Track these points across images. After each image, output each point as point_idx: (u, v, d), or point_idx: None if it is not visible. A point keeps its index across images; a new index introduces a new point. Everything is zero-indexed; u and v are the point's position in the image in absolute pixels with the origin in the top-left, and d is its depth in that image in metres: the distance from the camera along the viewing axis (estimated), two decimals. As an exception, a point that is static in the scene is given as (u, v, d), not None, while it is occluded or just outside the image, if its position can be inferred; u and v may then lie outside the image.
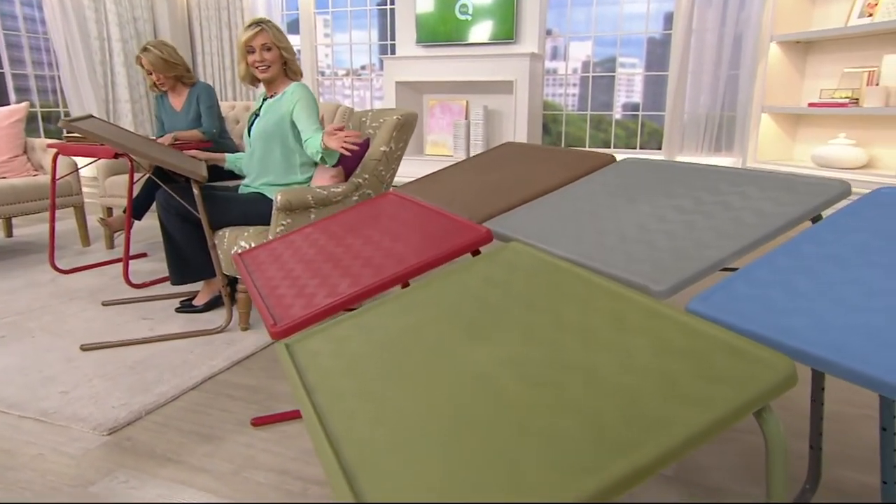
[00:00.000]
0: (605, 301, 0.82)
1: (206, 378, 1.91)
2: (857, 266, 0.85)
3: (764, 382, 0.58)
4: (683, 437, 0.54)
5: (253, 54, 2.28)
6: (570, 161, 1.68)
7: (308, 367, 0.88)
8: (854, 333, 0.74)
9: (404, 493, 0.59)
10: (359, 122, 2.66)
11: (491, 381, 0.73)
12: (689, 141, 5.19)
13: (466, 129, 5.66)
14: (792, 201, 1.07)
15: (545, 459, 0.57)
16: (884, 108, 3.81)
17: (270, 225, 2.12)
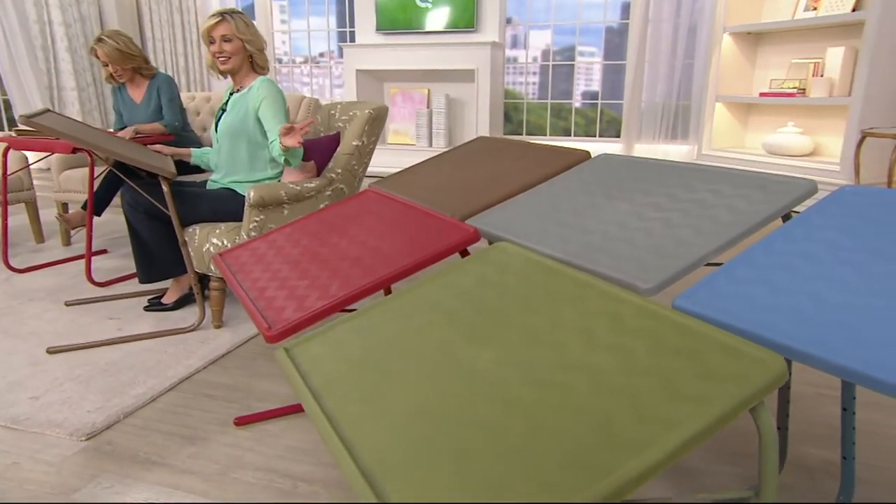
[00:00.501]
0: (600, 301, 0.87)
1: (183, 378, 1.89)
2: (828, 263, 0.91)
3: (759, 380, 0.63)
4: (689, 435, 0.59)
5: (213, 45, 2.24)
6: (547, 157, 1.72)
7: (311, 372, 0.90)
8: (828, 327, 0.80)
9: (426, 495, 0.62)
10: (327, 115, 2.64)
11: (497, 382, 0.76)
12: (647, 129, 5.32)
13: (429, 117, 5.66)
14: (764, 199, 1.13)
15: (560, 459, 0.61)
16: (828, 98, 3.99)
17: (243, 221, 2.10)
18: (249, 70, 2.33)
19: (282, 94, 2.27)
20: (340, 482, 1.40)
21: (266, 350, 2.08)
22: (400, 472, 0.66)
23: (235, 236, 2.13)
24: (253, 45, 2.28)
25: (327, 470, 1.44)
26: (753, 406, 0.64)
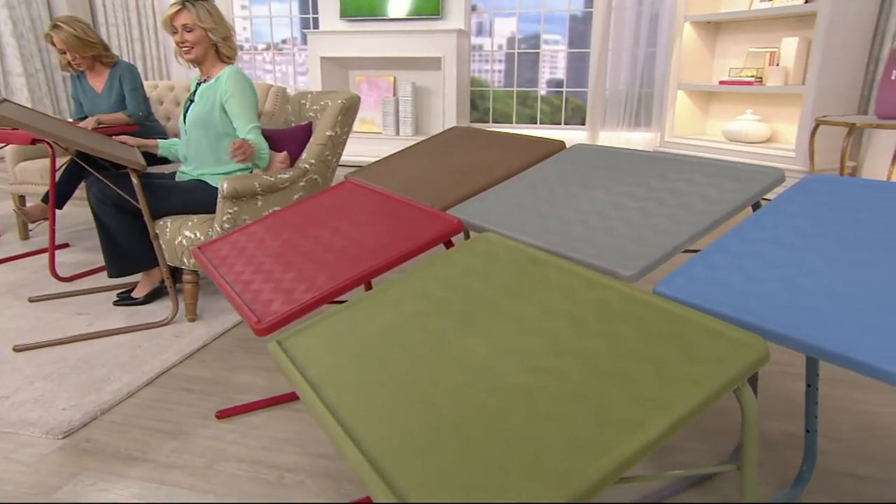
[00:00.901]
0: (587, 289, 0.90)
1: (160, 373, 1.87)
2: (797, 249, 0.97)
3: (743, 362, 0.67)
4: (681, 415, 0.63)
5: (176, 34, 2.19)
6: (522, 147, 1.75)
7: (306, 363, 0.91)
8: (799, 310, 0.85)
9: (431, 479, 0.64)
10: (298, 104, 2.62)
11: (493, 370, 0.79)
12: (611, 116, 5.41)
13: (395, 105, 5.64)
14: (735, 188, 1.18)
15: (560, 442, 0.64)
16: (783, 87, 4.13)
17: (216, 213, 2.07)
18: (216, 60, 2.29)
19: (250, 85, 2.24)
20: (327, 471, 1.41)
21: (242, 343, 2.07)
22: (404, 457, 0.68)
23: (208, 229, 2.11)
24: (217, 33, 2.23)
25: (313, 460, 1.46)
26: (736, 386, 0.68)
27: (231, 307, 2.34)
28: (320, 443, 1.52)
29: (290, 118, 2.62)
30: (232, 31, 2.31)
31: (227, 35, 2.28)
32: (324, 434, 1.55)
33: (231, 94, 2.19)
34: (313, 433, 1.56)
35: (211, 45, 2.25)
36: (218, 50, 2.27)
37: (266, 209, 2.14)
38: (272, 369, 1.88)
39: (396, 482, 0.64)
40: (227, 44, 2.28)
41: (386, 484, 0.64)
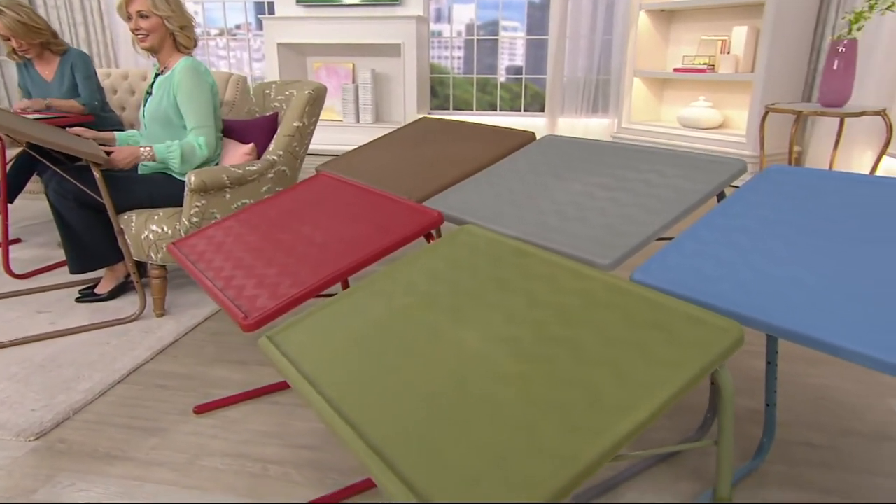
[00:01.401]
0: (571, 280, 0.94)
1: (132, 370, 1.84)
2: (763, 237, 1.03)
3: (721, 345, 0.73)
4: (668, 396, 0.68)
5: (130, 21, 2.13)
6: (493, 139, 1.78)
7: (300, 358, 0.93)
8: (766, 295, 0.92)
9: (438, 466, 0.68)
10: (262, 95, 2.58)
11: (486, 359, 0.82)
12: (570, 103, 5.49)
13: (355, 92, 5.59)
14: (702, 178, 1.24)
15: (557, 426, 0.69)
16: (734, 74, 4.27)
17: (184, 207, 2.04)
18: (173, 50, 2.23)
19: (204, 80, 2.16)
20: (311, 462, 1.43)
21: (214, 337, 2.05)
22: (408, 447, 0.71)
23: (176, 222, 2.08)
24: (174, 22, 2.17)
25: (296, 451, 1.47)
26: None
27: (200, 301, 2.31)
28: (301, 434, 1.54)
29: (255, 108, 2.59)
30: (192, 21, 2.24)
31: (186, 24, 2.21)
32: (305, 425, 1.57)
33: (180, 88, 2.12)
34: (294, 425, 1.57)
35: (168, 34, 2.19)
36: (175, 40, 2.21)
37: (235, 202, 2.12)
38: (246, 363, 1.88)
39: (403, 471, 0.67)
40: (185, 33, 2.22)
41: (393, 473, 0.67)
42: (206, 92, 2.16)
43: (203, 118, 2.14)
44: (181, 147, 2.12)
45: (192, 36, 2.24)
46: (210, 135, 2.15)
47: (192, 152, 2.14)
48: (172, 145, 2.10)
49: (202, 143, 2.15)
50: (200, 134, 2.13)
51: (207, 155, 2.15)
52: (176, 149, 2.11)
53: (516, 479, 0.63)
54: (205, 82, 2.17)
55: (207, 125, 2.14)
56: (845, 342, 0.81)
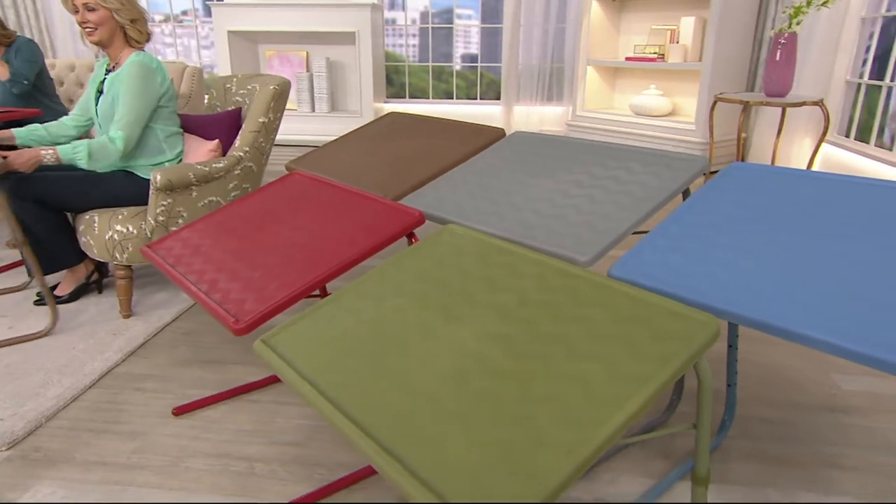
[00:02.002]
0: (556, 278, 1.00)
1: (104, 373, 1.82)
2: (728, 232, 1.11)
3: (702, 338, 0.79)
4: (656, 388, 0.74)
5: (77, 13, 2.04)
6: (464, 135, 1.82)
7: (298, 361, 0.95)
8: (734, 287, 0.99)
9: (447, 461, 0.72)
10: (222, 88, 2.54)
11: (482, 357, 0.87)
12: (525, 91, 5.56)
13: (310, 81, 5.52)
14: (669, 175, 1.32)
15: (556, 419, 0.74)
16: (683, 64, 4.42)
17: (149, 206, 2.01)
18: (123, 44, 2.14)
19: (153, 76, 2.08)
20: (296, 458, 1.46)
21: (186, 337, 2.04)
22: (416, 444, 0.75)
23: (141, 222, 2.04)
24: (124, 15, 2.07)
25: (280, 448, 1.49)
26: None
27: (167, 301, 2.28)
28: (284, 431, 1.55)
29: (216, 103, 2.54)
30: (143, 14, 2.16)
31: (137, 17, 2.12)
32: (287, 422, 1.59)
33: (123, 82, 2.03)
34: (276, 422, 1.59)
35: (117, 28, 2.10)
36: (126, 34, 2.13)
37: (201, 199, 2.09)
38: (222, 362, 1.88)
39: (416, 469, 0.71)
40: (137, 27, 2.12)
41: (410, 473, 0.71)
42: (148, 91, 2.06)
43: (132, 114, 2.04)
44: (89, 146, 2.00)
45: (143, 30, 2.15)
46: (133, 133, 2.05)
47: (104, 149, 2.02)
48: (79, 145, 1.99)
49: (119, 139, 2.03)
50: (121, 129, 2.03)
51: (123, 151, 2.05)
52: (83, 148, 1.99)
53: (523, 471, 0.68)
54: (151, 81, 2.07)
55: (133, 123, 2.05)
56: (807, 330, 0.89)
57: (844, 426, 1.56)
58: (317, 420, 1.60)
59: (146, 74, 2.06)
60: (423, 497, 0.65)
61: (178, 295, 2.32)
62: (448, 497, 0.66)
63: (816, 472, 1.39)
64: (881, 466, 1.41)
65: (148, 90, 2.07)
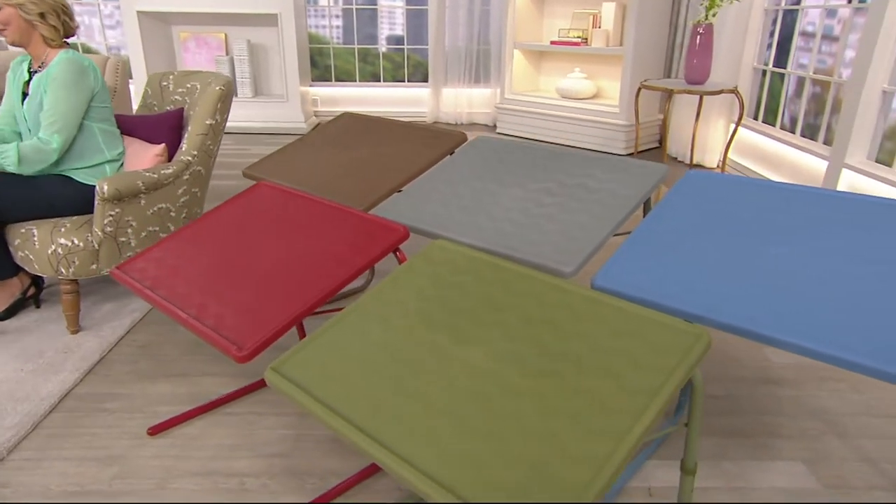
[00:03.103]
0: (552, 293, 1.07)
1: (62, 396, 1.75)
2: (696, 240, 1.22)
3: (698, 350, 0.89)
4: (666, 398, 0.83)
5: None
6: (426, 139, 1.86)
7: (315, 388, 0.99)
8: (709, 293, 1.11)
9: (486, 481, 0.79)
10: (158, 86, 2.44)
11: (498, 376, 0.94)
12: (452, 73, 5.60)
13: (231, 65, 5.30)
14: (633, 182, 1.42)
15: (580, 433, 0.82)
16: (605, 48, 4.60)
17: (95, 216, 1.92)
18: (41, 43, 2.00)
19: (84, 76, 1.98)
20: (286, 470, 1.48)
21: (145, 350, 1.98)
22: (451, 465, 0.81)
23: (87, 233, 1.95)
24: (29, 10, 1.92)
25: (267, 461, 1.51)
26: (689, 366, 0.91)
27: (114, 313, 2.20)
28: (268, 443, 1.57)
29: (152, 102, 2.43)
30: (57, 7, 2.00)
31: (45, 11, 1.96)
32: (269, 434, 1.60)
33: (52, 81, 1.92)
34: (258, 434, 1.60)
35: (29, 26, 1.97)
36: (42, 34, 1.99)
37: (150, 207, 2.02)
38: (188, 375, 1.85)
39: (459, 491, 0.78)
40: (48, 23, 1.97)
41: (454, 494, 0.77)
42: (81, 90, 1.95)
43: (66, 114, 1.94)
44: (19, 149, 1.90)
45: (57, 24, 1.99)
46: (68, 135, 1.96)
47: (38, 151, 1.92)
48: (7, 148, 1.89)
49: (54, 139, 1.93)
50: (56, 130, 1.93)
51: (59, 152, 1.95)
52: (12, 152, 1.89)
53: (559, 484, 0.76)
54: (84, 79, 1.97)
55: (68, 123, 1.95)
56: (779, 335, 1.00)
57: (778, 397, 1.75)
58: (299, 429, 1.62)
59: (78, 72, 1.96)
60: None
61: (127, 305, 2.24)
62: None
63: (761, 441, 1.57)
64: (809, 430, 1.61)
65: (81, 88, 1.96)
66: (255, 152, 4.65)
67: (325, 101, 5.86)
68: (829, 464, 1.49)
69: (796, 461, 1.49)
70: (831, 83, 3.27)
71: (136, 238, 2.02)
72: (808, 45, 3.54)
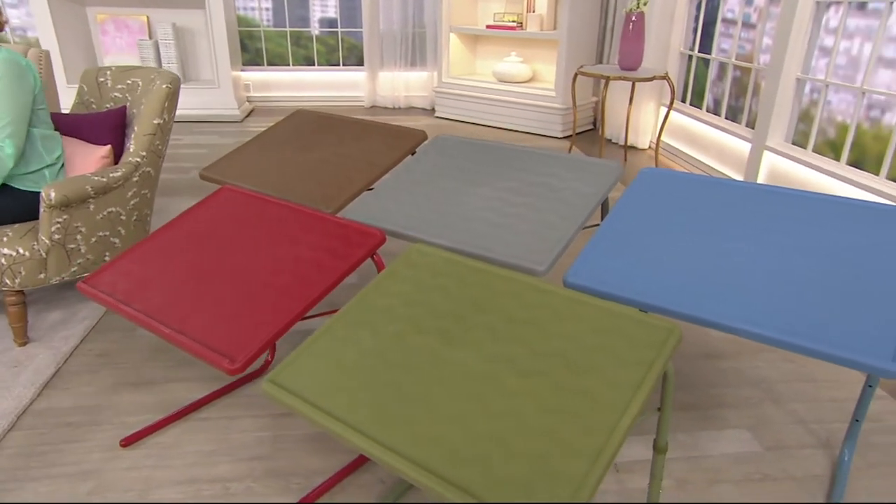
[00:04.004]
0: (532, 295, 1.14)
1: (20, 413, 1.69)
2: (654, 236, 1.33)
3: (672, 343, 0.99)
4: (649, 390, 0.92)
5: None
6: (385, 138, 1.88)
7: (315, 397, 1.02)
8: (673, 287, 1.21)
9: (497, 480, 0.86)
10: (95, 83, 2.33)
11: (492, 378, 1.00)
12: (388, 57, 5.56)
13: (155, 49, 5.07)
14: (593, 181, 1.51)
15: (575, 428, 0.90)
16: (540, 32, 4.70)
17: (41, 224, 1.84)
18: None
19: (24, 73, 1.88)
20: (268, 472, 1.51)
21: (103, 359, 1.93)
22: (460, 464, 0.87)
23: (32, 242, 1.87)
24: None
25: (248, 464, 1.53)
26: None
27: (63, 321, 2.12)
28: (246, 446, 1.58)
29: (90, 99, 2.33)
30: None
31: None
32: (245, 437, 1.62)
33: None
34: (234, 438, 1.61)
35: None
36: None
37: (100, 212, 1.95)
38: (154, 382, 1.82)
39: (473, 490, 0.84)
40: None
41: (468, 493, 0.84)
42: (24, 91, 1.86)
43: (14, 119, 1.84)
44: None
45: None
46: (20, 139, 1.87)
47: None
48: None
49: (9, 147, 1.85)
50: (7, 136, 1.84)
51: (15, 159, 1.86)
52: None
53: (560, 477, 0.83)
54: (25, 79, 1.88)
55: (19, 128, 1.86)
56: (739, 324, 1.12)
57: (721, 370, 1.92)
58: (275, 430, 1.64)
59: (19, 73, 1.86)
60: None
61: (76, 313, 2.17)
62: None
63: (710, 413, 1.72)
64: (751, 399, 1.78)
65: (24, 89, 1.87)
66: (189, 142, 4.49)
67: (258, 86, 5.70)
68: (769, 428, 1.66)
69: (742, 429, 1.65)
70: (752, 69, 3.49)
71: (86, 244, 1.95)
72: (729, 32, 3.76)
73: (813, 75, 3.03)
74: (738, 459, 1.54)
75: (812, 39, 3.01)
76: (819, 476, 1.50)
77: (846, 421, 1.69)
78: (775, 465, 1.53)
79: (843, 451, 1.48)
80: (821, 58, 3.05)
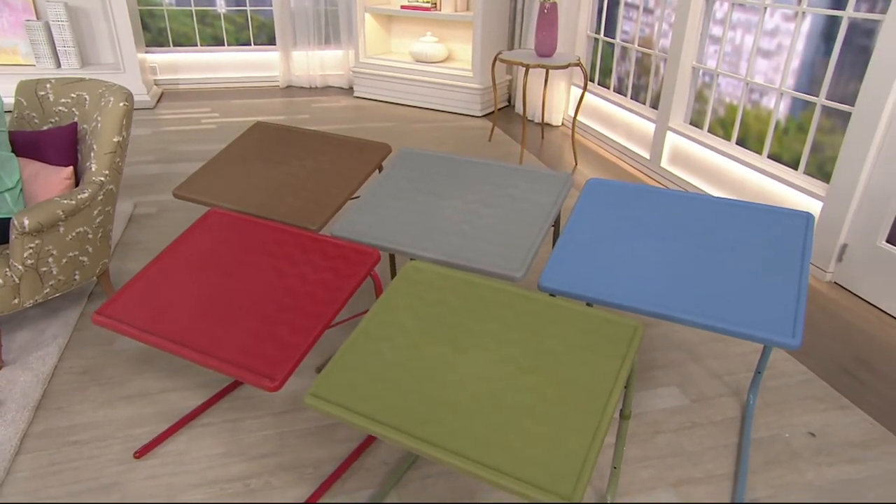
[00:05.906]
0: (521, 303, 1.38)
1: (21, 438, 1.74)
2: (608, 242, 1.60)
3: (637, 337, 1.26)
4: (626, 376, 1.19)
5: None
6: (351, 151, 2.04)
7: (357, 406, 1.22)
8: (632, 287, 1.50)
9: (530, 460, 1.11)
10: (34, 96, 2.29)
11: (502, 377, 1.24)
12: (301, 35, 5.51)
13: (46, 32, 4.75)
14: (548, 191, 1.76)
15: (576, 412, 1.16)
16: (454, 14, 4.86)
17: (13, 250, 1.86)
18: None
19: None
20: (281, 466, 1.68)
21: (89, 375, 1.99)
22: (495, 453, 1.12)
23: (4, 268, 1.88)
24: None
25: (260, 461, 1.69)
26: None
27: (33, 341, 2.14)
28: (255, 445, 1.75)
29: (31, 114, 2.28)
30: None
31: None
32: (253, 437, 1.77)
33: None
34: (242, 439, 1.77)
35: None
36: None
37: (69, 233, 1.98)
38: (148, 393, 1.92)
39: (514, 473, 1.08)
40: None
41: (520, 480, 1.08)
42: None
43: None
44: None
45: None
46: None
47: None
48: None
49: None
50: None
51: None
52: None
53: (572, 453, 1.10)
54: None
55: None
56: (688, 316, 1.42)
57: (651, 336, 2.27)
58: (278, 428, 1.81)
59: None
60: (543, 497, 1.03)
61: (44, 331, 2.18)
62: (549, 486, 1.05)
63: (644, 374, 2.06)
64: (677, 360, 2.15)
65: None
66: (103, 134, 4.31)
67: (165, 68, 5.48)
68: (693, 384, 2.03)
69: (671, 386, 2.01)
70: (653, 54, 3.86)
71: (57, 265, 1.98)
72: (631, 16, 4.10)
73: (705, 63, 3.43)
74: (672, 412, 1.90)
75: (703, 31, 3.40)
76: (733, 418, 1.88)
77: (751, 371, 2.09)
78: (700, 413, 1.90)
79: (749, 396, 1.87)
80: (711, 44, 3.45)
